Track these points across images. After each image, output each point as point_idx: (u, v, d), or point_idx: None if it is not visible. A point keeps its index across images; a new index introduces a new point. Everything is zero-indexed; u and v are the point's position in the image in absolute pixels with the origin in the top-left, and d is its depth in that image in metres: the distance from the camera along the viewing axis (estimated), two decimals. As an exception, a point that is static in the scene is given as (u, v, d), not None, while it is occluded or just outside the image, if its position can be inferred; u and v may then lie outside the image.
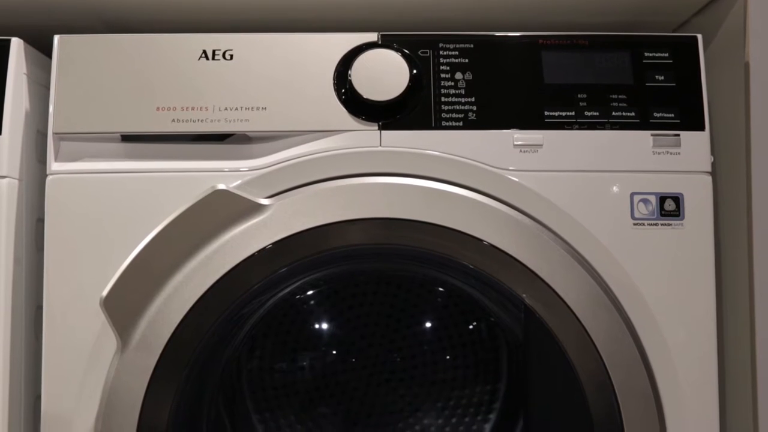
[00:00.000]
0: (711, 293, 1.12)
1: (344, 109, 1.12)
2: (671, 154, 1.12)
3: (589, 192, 1.11)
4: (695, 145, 1.13)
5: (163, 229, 1.07)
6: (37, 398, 1.12)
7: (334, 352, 1.38)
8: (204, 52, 1.13)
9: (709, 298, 1.12)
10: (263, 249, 1.08)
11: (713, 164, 1.13)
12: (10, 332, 1.12)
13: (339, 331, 1.38)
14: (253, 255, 1.08)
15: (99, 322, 1.08)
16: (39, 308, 1.13)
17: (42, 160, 1.14)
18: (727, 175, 1.18)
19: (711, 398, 1.11)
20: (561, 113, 1.13)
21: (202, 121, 1.12)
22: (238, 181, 1.11)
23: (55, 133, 1.11)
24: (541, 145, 1.12)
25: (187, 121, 1.12)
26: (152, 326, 1.07)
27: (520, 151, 1.12)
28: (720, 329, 1.14)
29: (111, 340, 1.07)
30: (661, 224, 1.11)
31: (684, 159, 1.12)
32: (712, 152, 1.14)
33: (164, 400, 1.07)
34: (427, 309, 1.39)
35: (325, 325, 1.38)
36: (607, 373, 1.07)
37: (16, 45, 1.14)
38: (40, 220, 1.13)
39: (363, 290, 1.38)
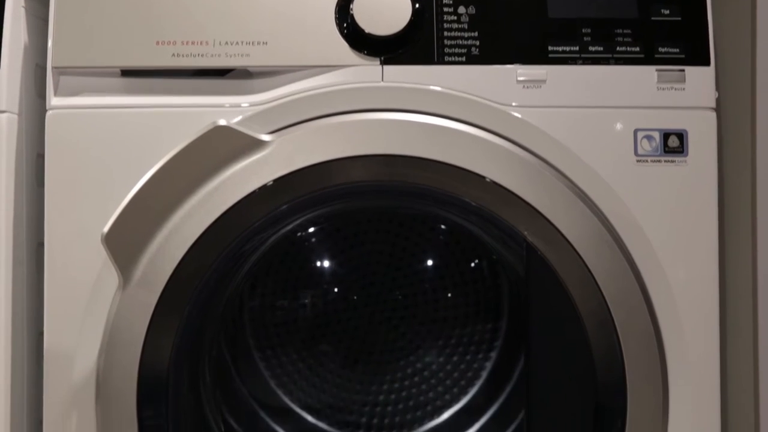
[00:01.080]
0: (714, 231, 1.11)
1: (346, 43, 1.11)
2: (676, 89, 1.11)
3: (592, 128, 1.10)
4: (700, 80, 1.12)
5: (163, 165, 1.06)
6: (40, 334, 1.12)
7: (336, 289, 1.38)
8: (205, -14, 1.12)
9: (712, 235, 1.11)
10: (264, 186, 1.07)
11: (718, 100, 1.12)
12: (11, 268, 1.11)
13: (340, 269, 1.38)
14: (253, 192, 1.07)
15: (100, 258, 1.08)
16: (40, 245, 1.13)
17: (41, 95, 1.13)
18: (732, 112, 1.17)
19: (712, 337, 1.11)
20: (565, 48, 1.12)
21: (202, 55, 1.10)
22: (239, 117, 1.10)
23: (54, 68, 1.10)
24: (545, 80, 1.11)
25: (187, 55, 1.10)
26: (153, 263, 1.07)
27: (523, 86, 1.11)
28: (722, 268, 1.14)
29: (112, 276, 1.07)
30: (665, 161, 1.11)
31: (688, 95, 1.11)
32: (717, 88, 1.13)
33: (166, 337, 1.07)
34: (429, 247, 1.38)
35: (326, 263, 1.38)
36: (609, 310, 1.07)
37: (14, -22, 1.13)
38: (40, 156, 1.13)
39: (364, 228, 1.37)
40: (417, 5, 1.11)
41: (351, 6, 1.11)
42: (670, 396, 1.09)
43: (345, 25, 1.11)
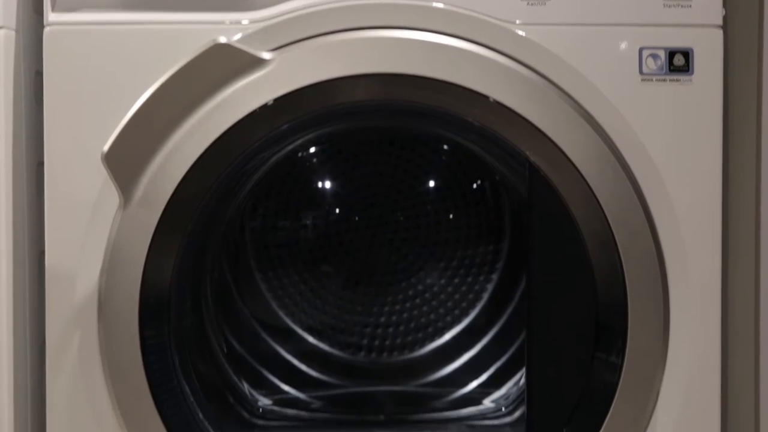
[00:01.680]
0: (718, 151, 1.11)
1: (346, -41, 1.09)
2: (682, 7, 1.09)
3: (596, 47, 1.09)
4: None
5: (163, 83, 1.05)
6: (41, 254, 1.12)
7: (337, 210, 1.38)
8: None
9: (716, 155, 1.11)
10: (265, 105, 1.06)
11: (725, 18, 1.11)
12: (11, 189, 1.11)
13: (341, 190, 1.38)
14: (254, 111, 1.06)
15: (101, 177, 1.07)
16: (40, 164, 1.12)
17: (39, 11, 1.11)
18: (739, 30, 1.15)
19: (714, 258, 1.11)
20: (570, -32, 1.10)
21: (201, -29, 1.09)
22: (239, 34, 1.08)
23: (51, -18, 1.09)
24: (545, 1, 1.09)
25: (186, -30, 1.09)
26: (154, 182, 1.06)
27: (528, 3, 1.09)
28: (725, 188, 1.13)
29: (113, 196, 1.06)
30: (670, 80, 1.09)
31: (695, 12, 1.10)
32: (724, 5, 1.11)
33: (167, 257, 1.07)
34: (431, 168, 1.38)
35: (327, 184, 1.38)
36: (611, 231, 1.07)
37: None
38: (39, 73, 1.11)
39: (366, 149, 1.37)
40: None
41: None
42: (671, 316, 1.09)
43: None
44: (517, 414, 1.30)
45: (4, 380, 1.09)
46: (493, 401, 1.35)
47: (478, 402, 1.35)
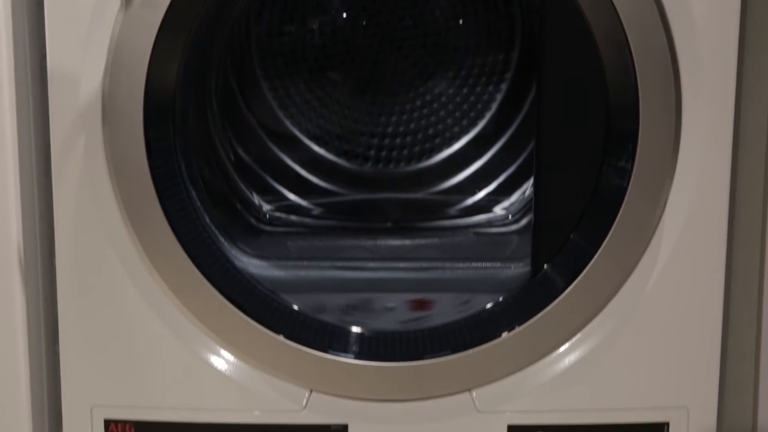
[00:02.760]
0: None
1: None
2: None
3: None
4: None
5: None
6: (43, 57, 1.10)
7: (344, 15, 1.35)
8: None
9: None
10: None
11: None
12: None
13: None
14: None
15: (100, -24, 1.04)
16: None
17: None
18: None
19: (729, 69, 1.08)
20: None
21: None
22: None
23: None
24: None
25: None
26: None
27: None
28: None
29: (114, -5, 1.03)
30: None
31: None
32: None
33: (171, 58, 1.05)
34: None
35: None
36: (624, 33, 1.04)
37: None
38: None
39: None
40: None
41: None
42: (682, 123, 1.07)
43: None
44: (523, 222, 1.30)
45: (11, 182, 1.09)
46: (504, 209, 1.35)
47: (488, 210, 1.35)
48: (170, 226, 1.08)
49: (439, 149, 1.41)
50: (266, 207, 1.36)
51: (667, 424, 1.14)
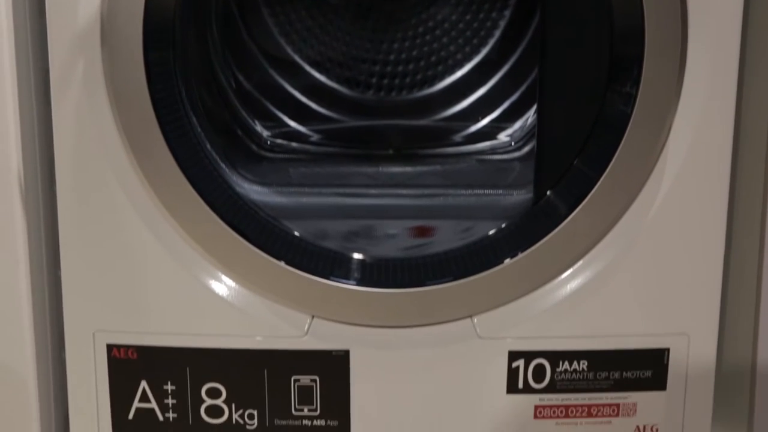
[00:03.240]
0: None
1: None
2: None
3: None
4: None
5: None
6: (40, -21, 1.08)
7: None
8: None
9: None
10: None
11: None
12: None
13: None
14: None
15: None
16: None
17: None
18: None
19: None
20: None
21: None
22: None
23: None
24: None
25: None
26: None
27: None
28: None
29: None
30: None
31: None
32: None
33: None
34: None
35: None
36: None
37: None
38: None
39: None
40: None
41: None
42: (688, 48, 1.06)
43: None
44: (526, 149, 1.30)
45: (10, 109, 1.08)
46: (507, 136, 1.34)
47: (491, 137, 1.34)
48: (171, 152, 1.07)
49: (442, 76, 1.39)
50: (267, 134, 1.35)
51: (668, 350, 1.14)
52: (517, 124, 1.34)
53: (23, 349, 1.14)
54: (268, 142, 1.34)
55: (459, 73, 1.39)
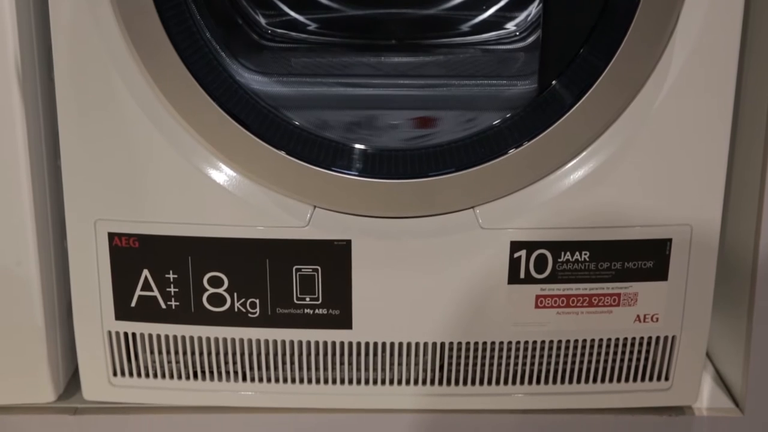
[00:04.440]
0: None
1: None
2: None
3: None
4: None
5: None
6: None
7: None
8: None
9: None
10: None
11: None
12: None
13: None
14: None
15: None
16: None
17: None
18: None
19: None
20: None
21: None
22: None
23: None
24: None
25: None
26: None
27: None
28: None
29: None
30: None
31: None
32: None
33: None
34: None
35: None
36: None
37: None
38: None
39: None
40: None
41: None
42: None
43: None
44: (531, 39, 1.28)
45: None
46: (513, 25, 1.32)
47: (496, 27, 1.32)
48: (170, 40, 1.06)
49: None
50: (267, 22, 1.33)
51: (670, 240, 1.14)
52: (523, 14, 1.32)
53: (25, 238, 1.15)
54: (269, 32, 1.32)
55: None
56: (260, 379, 1.21)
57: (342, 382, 1.21)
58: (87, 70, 1.09)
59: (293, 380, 1.21)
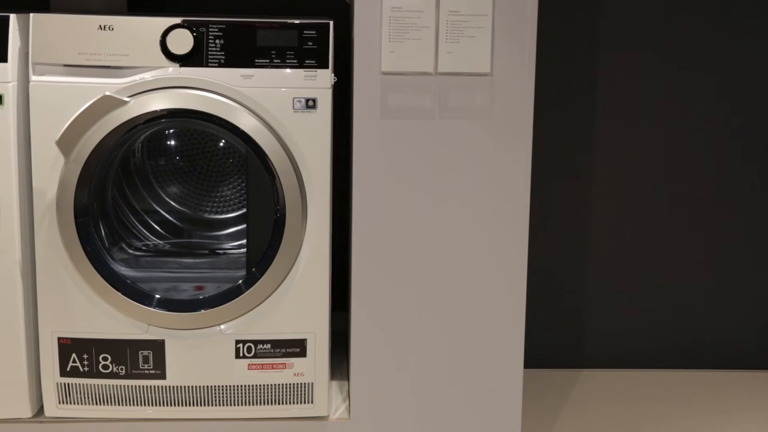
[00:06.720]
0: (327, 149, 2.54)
1: (164, 56, 2.47)
2: (313, 79, 2.50)
3: (277, 97, 2.49)
4: (325, 75, 2.50)
5: (81, 112, 2.42)
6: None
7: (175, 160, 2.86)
8: (100, 26, 2.46)
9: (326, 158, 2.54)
10: (128, 120, 2.45)
11: (335, 84, 2.49)
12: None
13: (177, 144, 2.87)
14: (120, 125, 2.45)
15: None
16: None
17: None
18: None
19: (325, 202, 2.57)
20: (263, 60, 2.48)
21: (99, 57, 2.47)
22: (116, 89, 2.47)
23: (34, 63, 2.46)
24: (253, 76, 2.48)
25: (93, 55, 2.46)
26: (81, 147, 2.44)
27: (242, 77, 2.48)
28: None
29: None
30: (307, 112, 2.51)
31: (318, 81, 2.50)
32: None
33: (84, 189, 2.48)
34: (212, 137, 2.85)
35: (170, 141, 2.86)
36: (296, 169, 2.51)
37: None
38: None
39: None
40: (195, 38, 2.47)
41: (166, 39, 2.45)
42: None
43: (164, 47, 2.46)
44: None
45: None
46: (238, 244, 2.90)
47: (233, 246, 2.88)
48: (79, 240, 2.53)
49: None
50: (137, 243, 2.84)
51: (306, 339, 2.67)
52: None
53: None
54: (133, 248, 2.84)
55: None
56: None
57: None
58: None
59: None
